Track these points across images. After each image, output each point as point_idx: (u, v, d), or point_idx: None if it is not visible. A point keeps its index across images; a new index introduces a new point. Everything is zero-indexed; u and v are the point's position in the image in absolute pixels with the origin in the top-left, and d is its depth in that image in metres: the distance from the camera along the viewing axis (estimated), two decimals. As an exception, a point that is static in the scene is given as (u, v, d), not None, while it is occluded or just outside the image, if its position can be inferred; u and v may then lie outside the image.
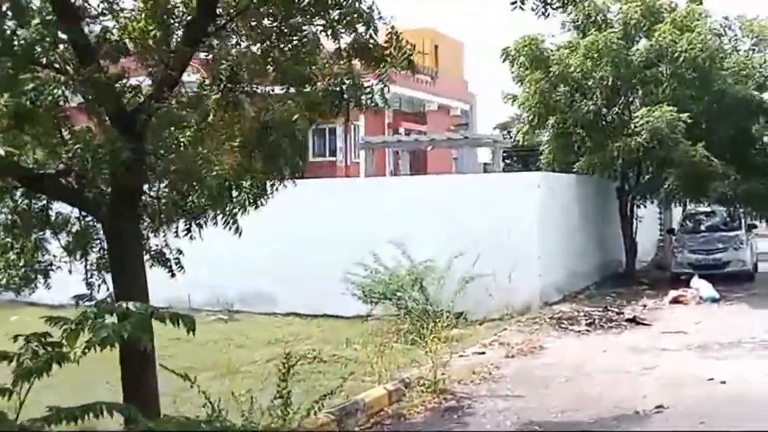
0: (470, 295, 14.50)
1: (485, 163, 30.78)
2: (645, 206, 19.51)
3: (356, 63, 6.95)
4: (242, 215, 7.55)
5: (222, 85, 6.16)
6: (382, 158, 30.83)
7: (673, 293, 15.70)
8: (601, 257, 19.06)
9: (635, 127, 15.97)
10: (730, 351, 10.77)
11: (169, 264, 7.45)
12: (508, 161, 33.58)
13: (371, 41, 6.65)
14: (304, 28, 6.25)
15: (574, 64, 16.75)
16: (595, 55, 16.56)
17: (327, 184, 18.07)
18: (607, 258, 19.36)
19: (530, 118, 18.37)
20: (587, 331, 12.70)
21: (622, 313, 13.83)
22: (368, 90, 6.70)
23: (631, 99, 17.94)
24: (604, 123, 17.75)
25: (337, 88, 6.51)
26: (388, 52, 6.74)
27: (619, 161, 17.51)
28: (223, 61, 6.11)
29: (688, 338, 11.74)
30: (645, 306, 15.15)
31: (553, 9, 6.68)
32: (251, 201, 7.67)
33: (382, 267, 13.99)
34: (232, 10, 6.07)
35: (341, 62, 6.63)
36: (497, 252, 14.86)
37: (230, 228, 7.04)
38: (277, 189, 7.76)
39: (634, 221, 19.33)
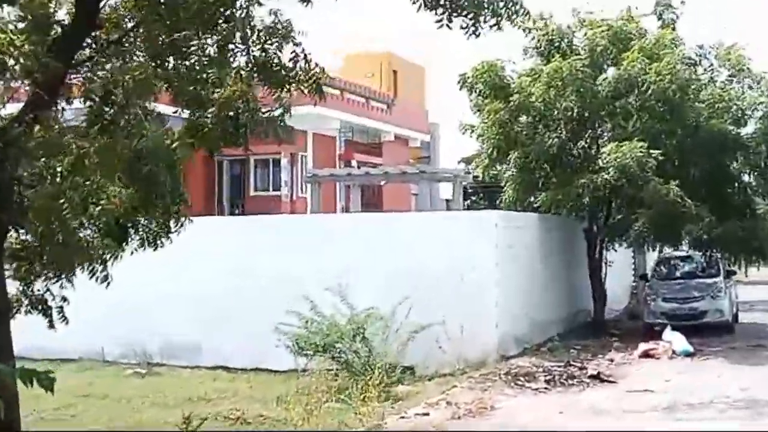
0: (420, 346, 14.28)
1: (448, 200, 30.72)
2: (615, 249, 19.44)
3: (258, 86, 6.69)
4: (144, 250, 7.25)
5: (94, 106, 5.85)
6: (331, 193, 30.62)
7: (643, 346, 15.55)
8: (567, 305, 18.91)
9: (603, 163, 15.91)
10: (699, 413, 10.58)
11: (49, 313, 7.07)
12: (474, 198, 33.59)
13: (273, 60, 6.41)
14: (193, 42, 5.98)
15: (536, 93, 16.72)
16: (559, 84, 16.55)
17: (262, 221, 17.77)
18: (573, 306, 19.22)
19: (489, 152, 18.28)
20: (545, 389, 12.46)
21: (586, 368, 13.63)
22: (267, 115, 6.44)
23: (599, 132, 17.95)
24: (569, 158, 17.71)
25: (230, 113, 6.22)
26: (293, 73, 6.50)
27: (585, 199, 17.43)
28: (97, 78, 5.81)
29: (656, 398, 11.54)
30: (612, 360, 14.98)
31: (486, 28, 6.47)
32: (150, 240, 7.35)
33: (319, 315, 13.66)
34: (121, 22, 5.79)
35: (238, 84, 6.37)
36: (450, 298, 14.65)
37: (97, 279, 6.66)
38: (181, 226, 7.46)
39: (603, 266, 19.24)
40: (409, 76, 40.11)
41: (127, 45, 6.04)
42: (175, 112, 6.91)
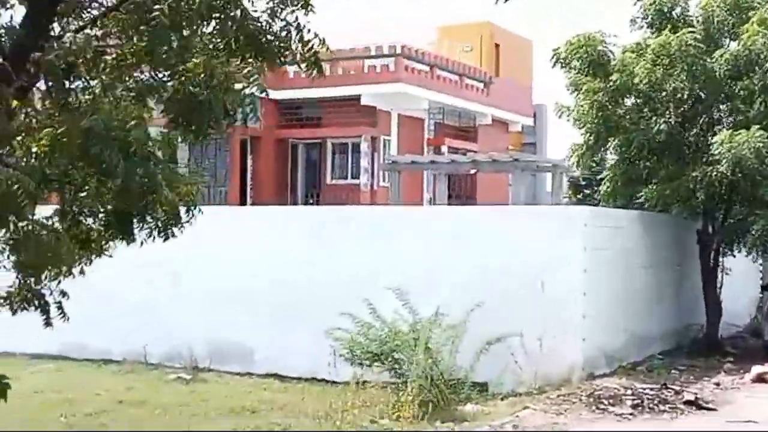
0: (496, 361, 14.20)
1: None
2: (734, 255, 18.83)
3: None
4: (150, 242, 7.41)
5: (57, 81, 5.95)
6: (418, 182, 30.65)
7: (757, 369, 15.05)
8: (674, 319, 18.44)
9: (715, 154, 15.44)
10: (807, 451, 10.19)
11: (46, 309, 7.27)
12: (587, 191, 32.96)
13: (264, 29, 6.39)
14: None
15: (639, 71, 16.32)
16: (667, 61, 16.11)
17: (314, 214, 17.92)
18: (683, 320, 18.71)
19: (587, 138, 17.97)
20: (630, 414, 12.19)
21: (683, 392, 13.25)
22: (242, 94, 6.44)
23: (715, 117, 17.40)
24: (679, 146, 17.26)
25: (196, 88, 6.24)
26: (286, 45, 6.48)
27: (698, 195, 16.96)
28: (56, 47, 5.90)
29: (758, 430, 11.16)
30: (718, 384, 14.55)
31: None
32: (160, 230, 7.51)
33: (378, 320, 13.69)
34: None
35: (210, 55, 6.38)
36: (529, 307, 14.49)
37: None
38: (193, 216, 7.60)
39: (720, 274, 18.68)
40: (514, 50, 39.63)
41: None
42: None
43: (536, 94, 40.12)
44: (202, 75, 6.19)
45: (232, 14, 6.35)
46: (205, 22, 6.47)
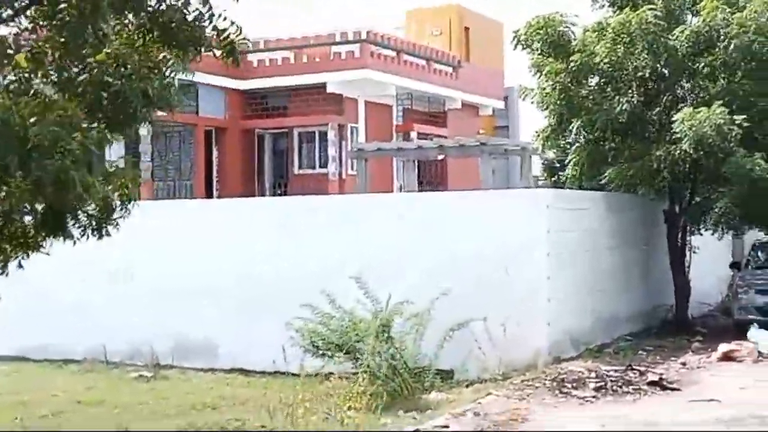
0: (461, 348, 14.25)
1: (536, 177, 30.31)
2: (701, 233, 18.91)
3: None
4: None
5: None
6: (388, 171, 30.60)
7: (723, 348, 15.14)
8: (643, 300, 18.55)
9: (677, 132, 15.50)
10: None
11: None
12: (562, 173, 32.93)
13: (175, 17, 6.36)
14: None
15: (600, 51, 16.35)
16: (627, 40, 16.15)
17: (277, 204, 17.91)
18: (652, 301, 18.83)
19: (551, 120, 18.00)
20: (593, 397, 12.23)
21: (646, 374, 13.32)
22: (156, 82, 6.40)
23: (680, 94, 17.47)
24: (643, 126, 17.32)
25: (108, 78, 6.20)
26: (199, 33, 6.45)
27: (664, 175, 17.04)
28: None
29: (721, 410, 11.23)
30: (684, 364, 14.63)
31: None
32: (94, 228, 7.47)
33: (339, 310, 13.70)
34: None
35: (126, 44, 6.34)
36: (493, 293, 14.56)
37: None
38: (126, 211, 7.56)
39: (688, 253, 18.78)
40: (484, 33, 39.59)
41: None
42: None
43: (508, 77, 40.12)
44: (115, 65, 6.13)
45: (145, 4, 6.30)
46: (122, 14, 6.42)
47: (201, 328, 16.29)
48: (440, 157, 27.50)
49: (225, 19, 7.10)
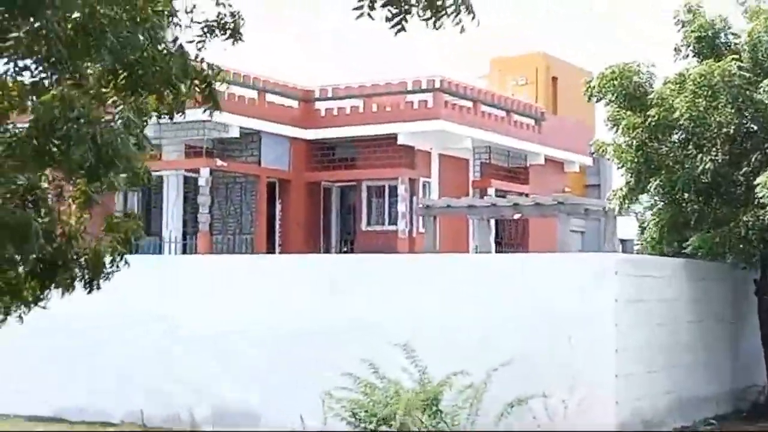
0: (522, 424, 14.13)
1: (623, 240, 29.91)
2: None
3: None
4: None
5: None
6: (462, 228, 30.57)
7: (814, 436, 14.66)
8: (730, 380, 18.11)
9: (760, 196, 15.18)
10: None
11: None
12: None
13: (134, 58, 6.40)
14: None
15: (679, 105, 16.16)
16: (708, 93, 15.95)
17: (303, 262, 18.01)
18: (742, 381, 18.35)
19: (628, 179, 17.81)
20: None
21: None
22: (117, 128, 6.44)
23: (768, 153, 17.17)
24: (729, 188, 17.00)
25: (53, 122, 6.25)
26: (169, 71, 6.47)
27: (753, 242, 16.71)
28: None
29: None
30: (765, 453, 14.19)
31: (422, 19, 6.29)
32: (86, 282, 7.60)
33: (382, 379, 13.66)
34: None
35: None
36: (555, 365, 14.36)
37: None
38: (117, 267, 7.67)
39: (782, 327, 18.29)
40: (573, 83, 39.38)
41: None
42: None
43: (599, 131, 39.86)
44: (59, 107, 6.19)
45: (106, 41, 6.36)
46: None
47: (241, 393, 16.35)
48: (516, 216, 27.33)
49: (202, 60, 7.21)
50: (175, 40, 7.05)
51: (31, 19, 6.03)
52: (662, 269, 16.38)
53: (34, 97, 6.52)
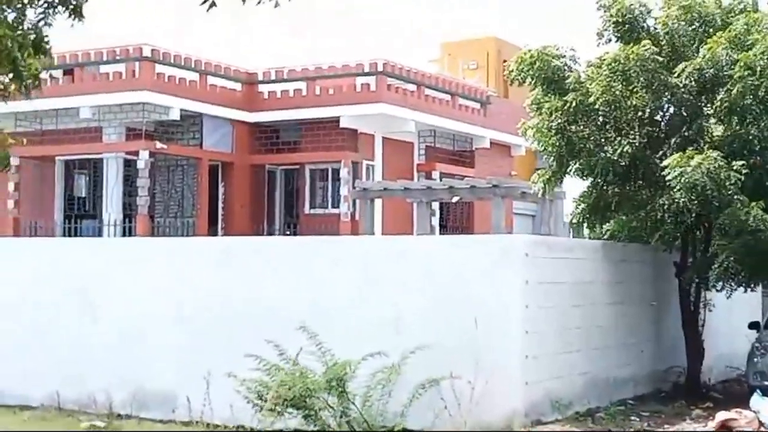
0: (435, 406, 14.24)
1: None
2: (717, 289, 18.63)
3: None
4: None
5: None
6: (404, 211, 30.67)
7: (722, 416, 14.83)
8: (651, 361, 18.32)
9: (668, 179, 15.37)
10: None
11: None
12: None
13: None
14: None
15: (595, 90, 16.30)
16: (623, 78, 16.11)
17: (218, 244, 18.07)
18: (664, 363, 18.58)
19: (550, 162, 17.97)
20: (553, 466, 12.11)
21: (622, 442, 13.15)
22: None
23: (690, 137, 17.30)
24: (649, 171, 17.17)
25: None
26: None
27: (667, 226, 16.93)
28: None
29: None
30: (674, 434, 14.42)
31: None
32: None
33: (286, 361, 13.74)
34: None
35: None
36: (464, 347, 14.45)
37: None
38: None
39: (702, 311, 18.53)
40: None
41: None
42: None
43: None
44: None
45: None
46: None
47: (156, 377, 16.40)
48: (455, 200, 27.48)
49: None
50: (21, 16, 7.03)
51: None
52: (577, 251, 16.54)
53: None
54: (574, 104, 16.71)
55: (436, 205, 31.92)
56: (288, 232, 30.75)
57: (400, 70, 30.66)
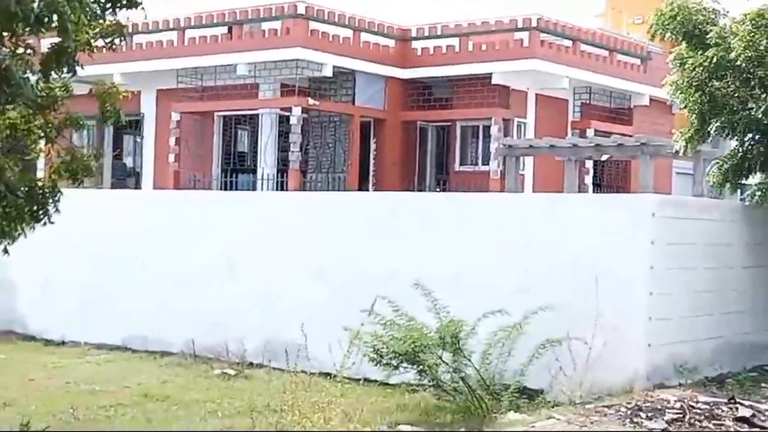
0: (554, 366, 14.19)
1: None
2: None
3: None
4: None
5: None
6: (556, 169, 30.27)
7: None
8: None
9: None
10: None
11: None
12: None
13: None
14: None
15: (737, 45, 15.65)
16: (765, 32, 15.40)
17: (321, 199, 18.27)
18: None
19: (691, 120, 17.39)
20: (663, 430, 11.84)
21: (739, 408, 12.75)
22: None
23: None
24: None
25: None
26: None
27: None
28: None
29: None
30: (802, 402, 13.86)
31: None
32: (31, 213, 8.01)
33: (401, 317, 13.86)
34: None
35: None
36: (583, 311, 14.26)
37: None
38: (54, 207, 8.03)
39: None
40: (693, 21, 38.40)
41: None
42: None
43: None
44: None
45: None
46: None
47: (286, 329, 16.80)
48: (604, 158, 26.95)
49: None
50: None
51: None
52: (713, 212, 16.04)
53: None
54: (715, 60, 16.08)
55: (590, 164, 31.43)
56: (438, 189, 30.78)
57: (555, 25, 30.11)
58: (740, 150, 17.30)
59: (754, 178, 17.55)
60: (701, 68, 16.55)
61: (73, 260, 20.01)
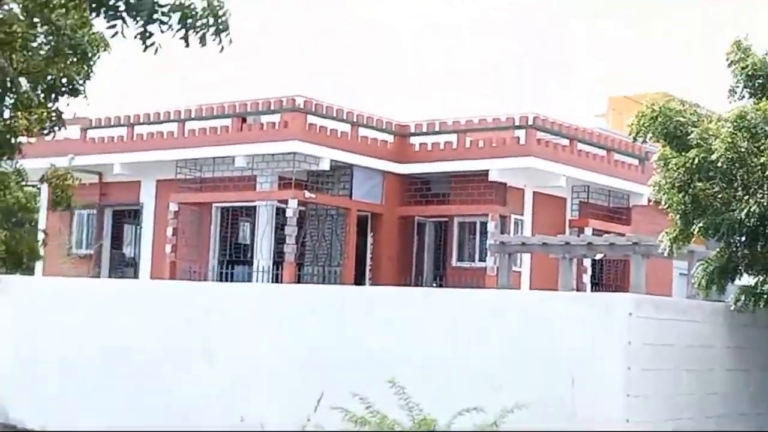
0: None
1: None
2: None
3: None
4: None
5: None
6: (552, 267, 30.23)
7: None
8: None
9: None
10: None
11: None
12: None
13: None
14: None
15: (718, 146, 15.70)
16: (748, 135, 15.46)
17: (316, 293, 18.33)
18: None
19: (675, 220, 17.38)
20: None
21: None
22: None
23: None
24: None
25: None
26: None
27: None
28: None
29: None
30: None
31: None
32: None
33: (374, 414, 13.67)
34: None
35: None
36: (557, 410, 14.09)
37: None
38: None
39: None
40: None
41: None
42: None
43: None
44: None
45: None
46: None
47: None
48: (597, 256, 26.92)
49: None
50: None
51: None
52: (693, 313, 15.89)
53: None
54: (696, 161, 16.12)
55: (587, 262, 31.41)
56: (435, 285, 30.74)
57: (552, 123, 30.40)
58: (726, 251, 17.24)
59: (740, 281, 17.43)
60: (683, 169, 16.56)
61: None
